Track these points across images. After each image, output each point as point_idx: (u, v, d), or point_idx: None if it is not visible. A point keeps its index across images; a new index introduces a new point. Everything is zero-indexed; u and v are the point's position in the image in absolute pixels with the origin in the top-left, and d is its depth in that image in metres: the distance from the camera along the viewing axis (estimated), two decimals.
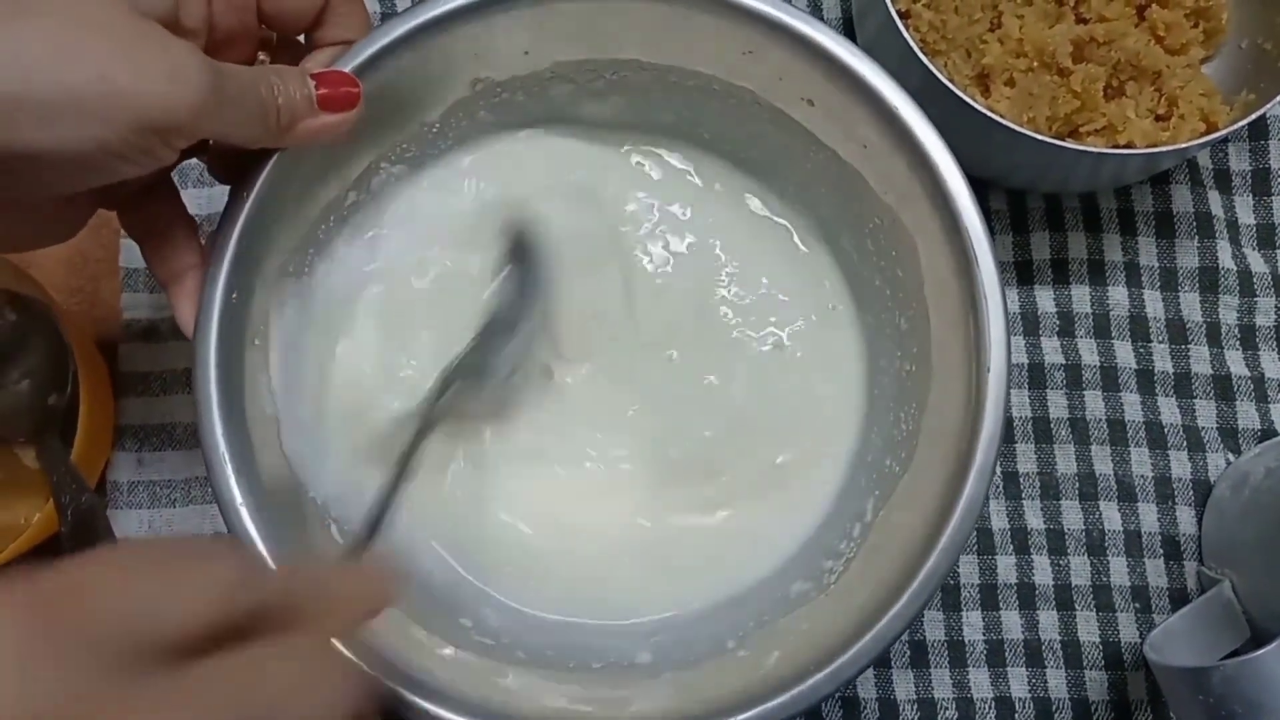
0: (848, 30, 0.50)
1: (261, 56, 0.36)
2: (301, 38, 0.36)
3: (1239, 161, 0.51)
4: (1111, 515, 0.47)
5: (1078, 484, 0.47)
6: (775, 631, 0.38)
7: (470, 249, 0.44)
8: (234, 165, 0.36)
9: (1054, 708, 0.45)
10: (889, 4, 0.42)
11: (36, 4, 0.26)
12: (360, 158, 0.40)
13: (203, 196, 0.47)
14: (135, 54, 0.27)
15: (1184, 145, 0.42)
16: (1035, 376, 0.48)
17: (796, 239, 0.45)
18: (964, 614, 0.46)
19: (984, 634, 0.46)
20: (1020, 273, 0.49)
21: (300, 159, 0.36)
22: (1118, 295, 0.49)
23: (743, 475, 0.43)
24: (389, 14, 0.49)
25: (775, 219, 0.45)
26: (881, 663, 0.45)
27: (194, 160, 0.39)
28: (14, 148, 0.26)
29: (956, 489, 0.35)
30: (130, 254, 0.47)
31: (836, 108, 0.38)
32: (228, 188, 0.36)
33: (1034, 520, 0.47)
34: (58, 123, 0.26)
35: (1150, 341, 0.49)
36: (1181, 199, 0.50)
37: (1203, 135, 0.43)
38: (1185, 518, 0.47)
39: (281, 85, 0.32)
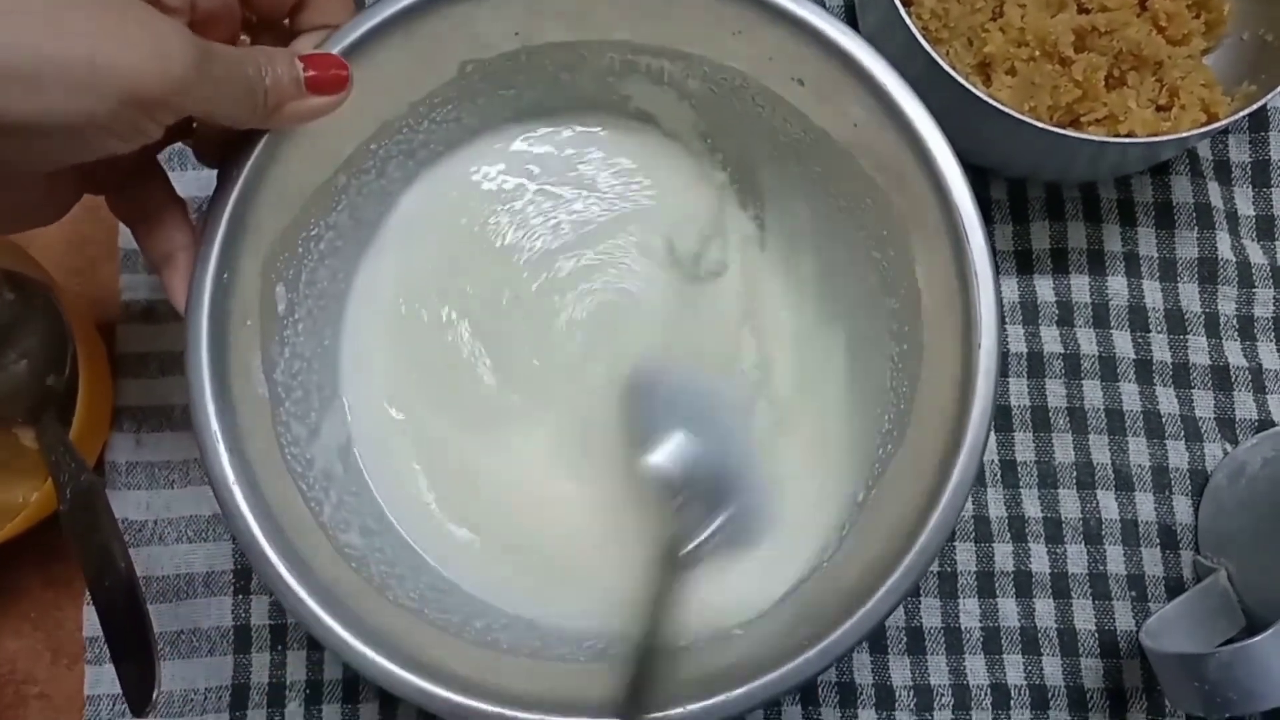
0: (850, 18, 0.50)
1: (243, 38, 0.36)
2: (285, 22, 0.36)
3: (1239, 153, 0.51)
4: (1109, 504, 0.47)
5: (1075, 473, 0.47)
6: (772, 611, 0.38)
7: (470, 228, 0.44)
8: (220, 148, 0.36)
9: (1050, 695, 0.46)
10: None
11: None
12: (350, 140, 0.40)
13: (203, 178, 0.47)
14: (122, 28, 0.27)
15: (1184, 135, 0.42)
16: (1034, 365, 0.48)
17: (791, 220, 0.45)
18: (961, 601, 0.46)
19: (981, 621, 0.46)
20: (1020, 262, 0.49)
21: (288, 140, 0.36)
22: (1117, 285, 0.49)
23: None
24: None
25: (767, 202, 0.45)
26: (878, 649, 0.46)
27: None
28: (2, 119, 0.26)
29: (948, 466, 0.35)
30: (129, 235, 0.46)
31: (827, 87, 0.38)
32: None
33: (1031, 508, 0.47)
34: (45, 94, 0.26)
35: (1149, 331, 0.49)
36: (1181, 190, 0.50)
37: (1203, 126, 0.43)
38: (1182, 507, 0.48)
39: (269, 66, 0.32)
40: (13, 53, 0.26)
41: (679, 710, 0.33)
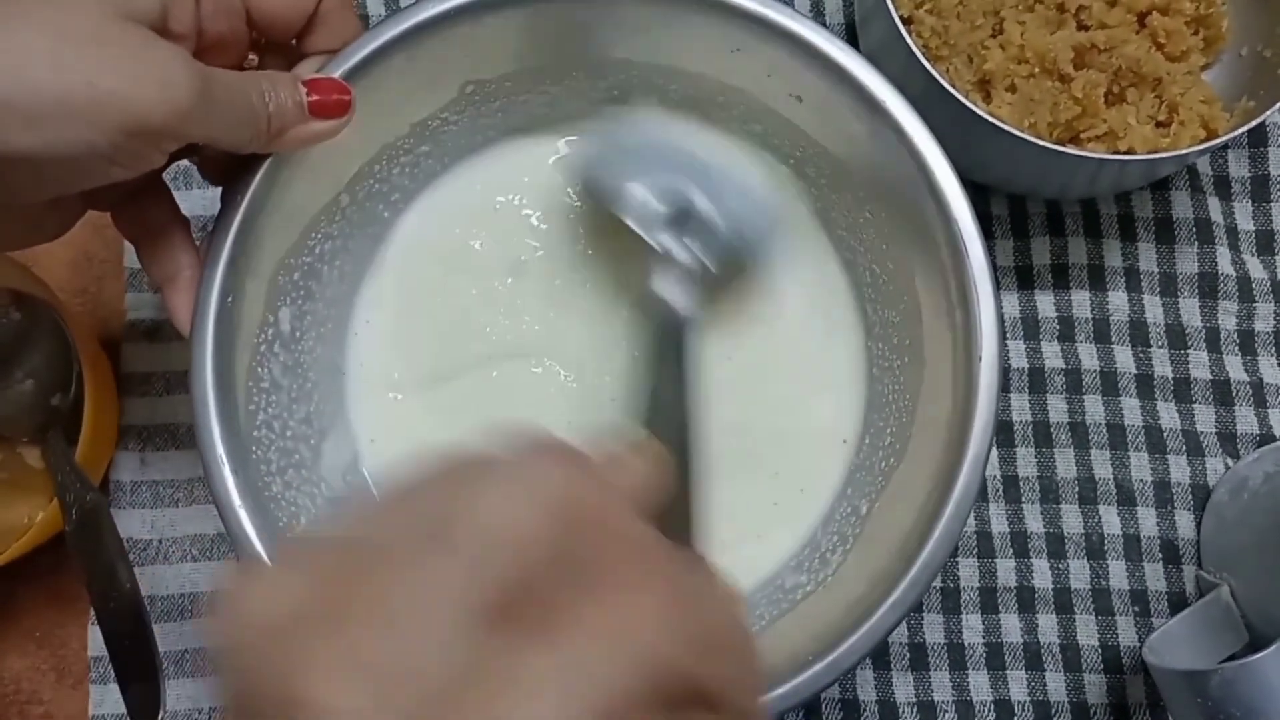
0: (850, 36, 0.50)
1: (251, 58, 0.36)
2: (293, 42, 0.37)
3: (1238, 168, 0.51)
4: (1111, 519, 0.47)
5: (1077, 488, 0.47)
6: (775, 627, 0.38)
7: (471, 245, 0.44)
8: (225, 167, 0.36)
9: (1053, 710, 0.46)
10: (892, 10, 0.42)
11: (25, 11, 0.27)
12: (352, 161, 0.40)
13: (207, 197, 0.47)
14: (124, 59, 0.27)
15: (1184, 151, 0.42)
16: (1035, 381, 0.48)
17: (792, 234, 0.45)
18: (964, 617, 0.46)
19: (983, 637, 0.46)
20: (1021, 278, 0.49)
21: (292, 162, 0.36)
22: (1118, 300, 0.49)
23: (741, 474, 0.43)
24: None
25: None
26: (881, 665, 0.46)
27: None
28: (3, 151, 0.26)
29: (951, 479, 0.35)
30: (135, 255, 0.46)
31: (825, 103, 0.39)
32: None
33: (1034, 524, 0.47)
34: (47, 126, 0.26)
35: (1150, 346, 0.49)
36: (1181, 205, 0.50)
37: (1203, 142, 0.43)
38: (1184, 522, 0.48)
39: (272, 91, 0.32)
40: (14, 87, 0.26)
41: None
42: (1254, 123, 0.42)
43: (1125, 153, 0.44)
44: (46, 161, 0.27)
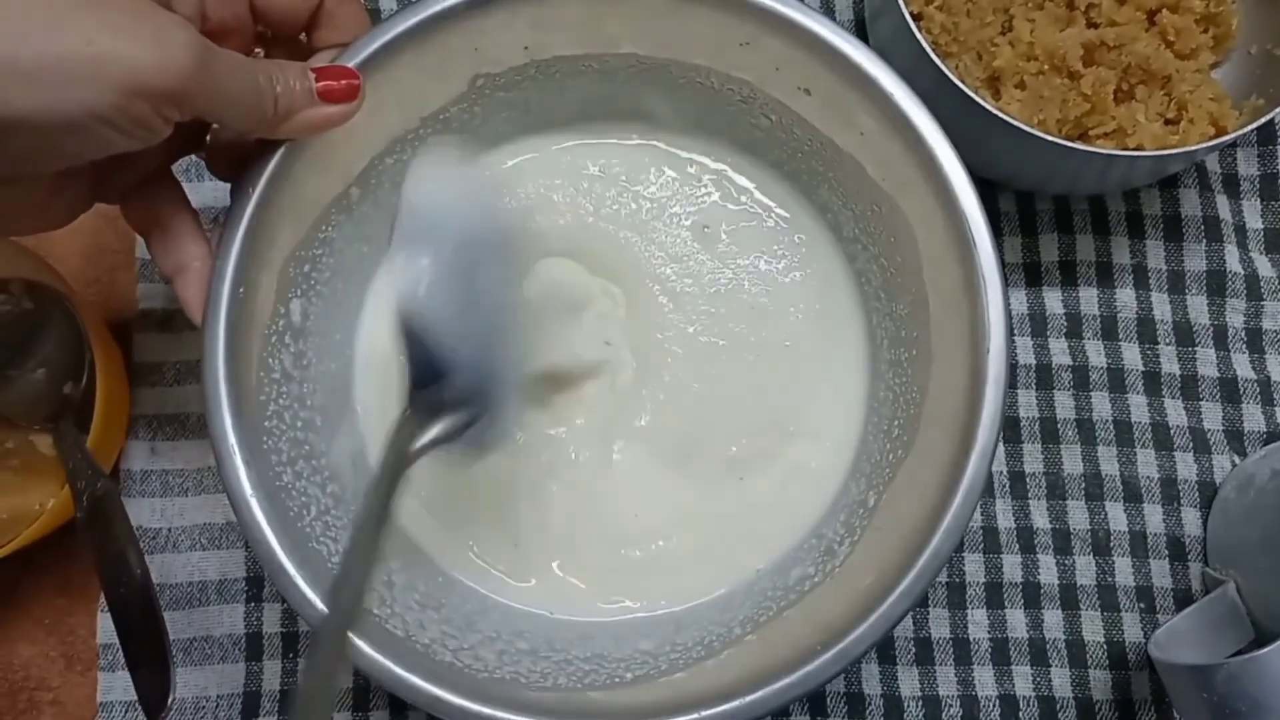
0: (860, 32, 0.51)
1: (258, 52, 0.36)
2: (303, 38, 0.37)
3: (1247, 166, 0.51)
4: (1117, 516, 0.47)
5: (1084, 484, 0.47)
6: (782, 617, 0.38)
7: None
8: (233, 161, 0.36)
9: (1058, 706, 0.46)
10: (902, 6, 0.42)
11: None
12: (362, 154, 0.40)
13: (219, 190, 0.48)
14: (124, 20, 0.27)
15: (1193, 149, 0.42)
16: (1043, 377, 0.48)
17: (797, 229, 0.45)
18: (969, 612, 0.46)
19: (989, 632, 0.46)
20: (1029, 274, 0.49)
21: (302, 155, 0.36)
22: (1125, 298, 0.49)
23: (746, 467, 0.43)
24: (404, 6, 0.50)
25: (776, 209, 0.45)
26: (887, 659, 0.46)
27: None
28: (3, 114, 0.26)
29: (958, 471, 0.35)
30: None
31: (833, 96, 0.39)
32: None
33: (1040, 520, 0.47)
34: (45, 87, 0.26)
35: (1157, 344, 0.49)
36: (1190, 203, 0.50)
37: (1211, 139, 0.43)
38: (1190, 519, 0.48)
39: (281, 76, 0.33)
40: (13, 48, 0.26)
41: (694, 715, 0.33)
42: (1263, 120, 0.43)
43: (1134, 149, 0.44)
44: (46, 126, 0.27)
